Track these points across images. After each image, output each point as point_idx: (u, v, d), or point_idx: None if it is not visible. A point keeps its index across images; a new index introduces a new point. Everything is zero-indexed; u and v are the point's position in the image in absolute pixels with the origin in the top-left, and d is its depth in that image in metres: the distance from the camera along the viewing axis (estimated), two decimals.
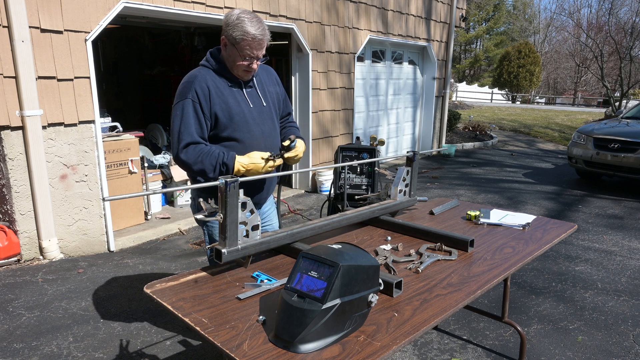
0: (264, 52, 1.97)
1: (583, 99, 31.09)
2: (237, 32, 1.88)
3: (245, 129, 2.02)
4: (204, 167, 1.89)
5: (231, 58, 1.95)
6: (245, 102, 2.03)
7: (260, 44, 1.91)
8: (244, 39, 1.88)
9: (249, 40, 1.89)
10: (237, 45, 1.90)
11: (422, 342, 2.79)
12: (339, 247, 1.26)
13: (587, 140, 7.01)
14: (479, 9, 38.12)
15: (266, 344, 1.13)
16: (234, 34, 1.89)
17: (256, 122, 2.05)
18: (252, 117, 2.04)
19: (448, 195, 6.30)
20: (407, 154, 2.18)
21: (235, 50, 1.91)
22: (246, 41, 1.88)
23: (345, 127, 6.96)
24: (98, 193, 4.11)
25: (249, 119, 2.02)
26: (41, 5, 3.54)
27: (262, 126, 2.08)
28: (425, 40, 8.57)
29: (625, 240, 4.70)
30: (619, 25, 22.42)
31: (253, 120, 2.04)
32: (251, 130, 2.03)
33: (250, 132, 2.03)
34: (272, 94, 2.17)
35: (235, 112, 1.98)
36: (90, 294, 3.31)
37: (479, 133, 11.98)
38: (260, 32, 1.90)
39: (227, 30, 1.91)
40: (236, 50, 1.91)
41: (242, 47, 1.89)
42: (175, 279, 1.49)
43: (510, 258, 1.74)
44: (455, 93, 27.88)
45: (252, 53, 1.91)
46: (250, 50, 1.90)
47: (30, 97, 3.55)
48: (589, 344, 2.80)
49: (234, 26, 1.89)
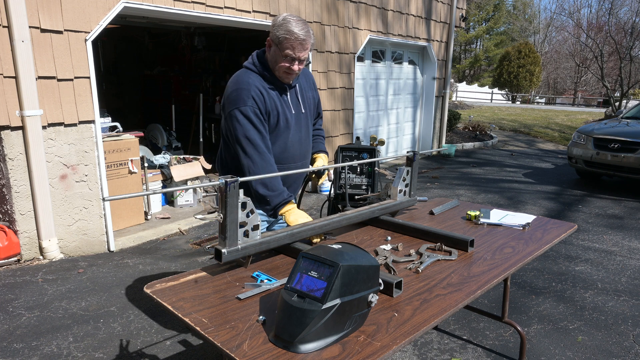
0: (306, 55, 1.96)
1: (583, 99, 31.08)
2: (281, 32, 1.88)
3: (286, 135, 2.04)
4: (265, 195, 1.92)
5: (274, 58, 1.95)
6: (288, 107, 2.04)
7: (302, 44, 1.91)
8: (287, 38, 1.88)
9: (292, 39, 1.88)
10: (279, 44, 1.90)
11: (422, 342, 2.79)
12: (339, 247, 1.26)
13: (587, 140, 7.01)
14: (479, 9, 38.12)
15: (266, 344, 1.13)
16: (277, 33, 1.90)
17: (295, 129, 2.08)
18: (293, 123, 2.06)
19: (448, 195, 6.30)
20: (407, 154, 2.18)
21: (278, 50, 1.92)
22: (289, 40, 1.88)
23: (345, 127, 6.95)
24: (98, 193, 4.11)
25: (291, 124, 2.05)
26: (41, 5, 3.53)
27: (300, 132, 2.11)
28: (425, 40, 8.57)
29: (625, 240, 4.69)
30: (619, 25, 22.43)
31: (293, 126, 2.06)
32: (291, 136, 2.06)
33: (289, 138, 2.06)
34: (309, 99, 2.18)
35: (281, 118, 2.01)
36: (90, 294, 3.31)
37: (479, 133, 11.98)
38: (304, 33, 1.90)
39: (272, 30, 1.92)
40: (279, 50, 1.91)
41: (285, 47, 1.90)
42: (175, 279, 1.49)
43: (510, 258, 1.74)
44: (455, 93, 27.87)
45: (293, 53, 1.91)
46: (292, 50, 1.90)
47: (30, 97, 3.55)
48: (589, 344, 2.80)
49: (278, 26, 1.90)
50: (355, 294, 1.17)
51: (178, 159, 5.77)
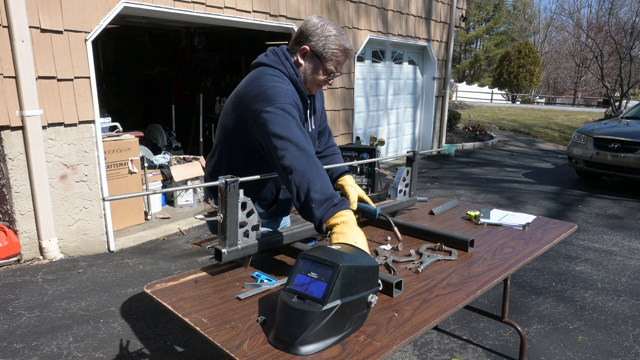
0: None
1: (583, 99, 31.09)
2: (331, 45, 1.70)
3: None
4: (314, 197, 1.44)
5: (311, 70, 1.74)
6: (307, 122, 1.85)
7: (349, 60, 1.79)
8: (338, 54, 1.71)
9: (342, 56, 1.73)
10: (326, 59, 1.71)
11: (422, 342, 2.79)
12: (338, 248, 1.25)
13: (587, 140, 7.01)
14: (479, 9, 38.12)
15: (266, 344, 1.13)
16: (325, 46, 1.70)
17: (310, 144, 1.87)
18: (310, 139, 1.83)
19: (448, 195, 6.30)
20: (407, 154, 2.18)
21: (320, 63, 1.72)
22: (337, 57, 1.72)
23: (345, 127, 6.95)
24: (98, 193, 4.11)
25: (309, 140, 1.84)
26: (41, 5, 3.53)
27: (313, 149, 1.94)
28: (425, 40, 8.57)
29: (625, 240, 4.69)
30: (619, 25, 22.44)
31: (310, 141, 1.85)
32: None
33: None
34: (319, 110, 1.98)
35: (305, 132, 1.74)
36: (90, 294, 3.31)
37: (479, 133, 11.98)
38: (351, 47, 1.76)
39: (313, 39, 1.70)
40: (321, 64, 1.72)
41: (333, 63, 1.73)
42: (175, 279, 1.49)
43: (510, 258, 1.74)
44: (455, 93, 27.88)
45: (337, 69, 1.76)
46: (338, 66, 1.75)
47: (30, 97, 3.55)
48: (589, 344, 2.80)
49: (325, 37, 1.70)
50: (355, 295, 1.17)
51: (178, 159, 5.78)
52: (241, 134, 1.71)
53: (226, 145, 1.80)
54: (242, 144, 1.74)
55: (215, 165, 1.87)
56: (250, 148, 1.72)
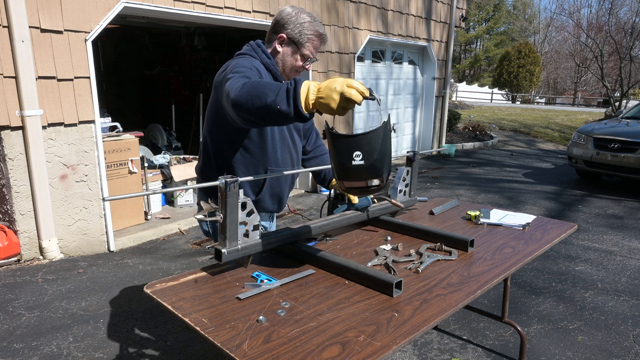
0: None
1: (583, 99, 31.09)
2: (306, 31, 1.78)
3: (279, 139, 1.86)
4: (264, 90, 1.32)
5: (287, 57, 1.83)
6: None
7: (323, 44, 1.84)
8: (313, 39, 1.79)
9: (317, 41, 1.80)
10: (302, 44, 1.79)
11: (422, 342, 2.79)
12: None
13: (587, 140, 7.01)
14: (479, 9, 38.12)
15: (266, 343, 1.13)
16: (301, 32, 1.78)
17: (287, 133, 1.91)
18: (284, 128, 1.89)
19: (448, 195, 6.30)
20: (407, 154, 2.18)
21: (296, 48, 1.81)
22: (313, 42, 1.80)
23: (345, 127, 6.95)
24: (98, 193, 4.11)
25: (283, 129, 1.88)
26: (41, 5, 3.53)
27: (293, 137, 1.95)
28: (425, 40, 8.57)
29: (625, 240, 4.70)
30: (619, 25, 22.44)
31: (285, 131, 1.89)
32: (282, 140, 1.88)
33: (282, 141, 1.88)
34: None
35: None
36: (90, 294, 3.31)
37: (479, 133, 11.98)
38: (325, 33, 1.83)
39: (289, 27, 1.78)
40: (297, 49, 1.81)
41: (308, 47, 1.81)
42: (175, 279, 1.49)
43: (510, 258, 1.74)
44: (455, 93, 27.87)
45: (313, 54, 1.84)
46: (315, 50, 1.83)
47: (30, 97, 3.55)
48: (589, 344, 2.80)
49: (300, 24, 1.78)
50: None
51: (178, 158, 5.78)
52: (218, 112, 1.77)
53: (210, 132, 1.86)
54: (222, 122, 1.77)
55: (203, 159, 1.93)
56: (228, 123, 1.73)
